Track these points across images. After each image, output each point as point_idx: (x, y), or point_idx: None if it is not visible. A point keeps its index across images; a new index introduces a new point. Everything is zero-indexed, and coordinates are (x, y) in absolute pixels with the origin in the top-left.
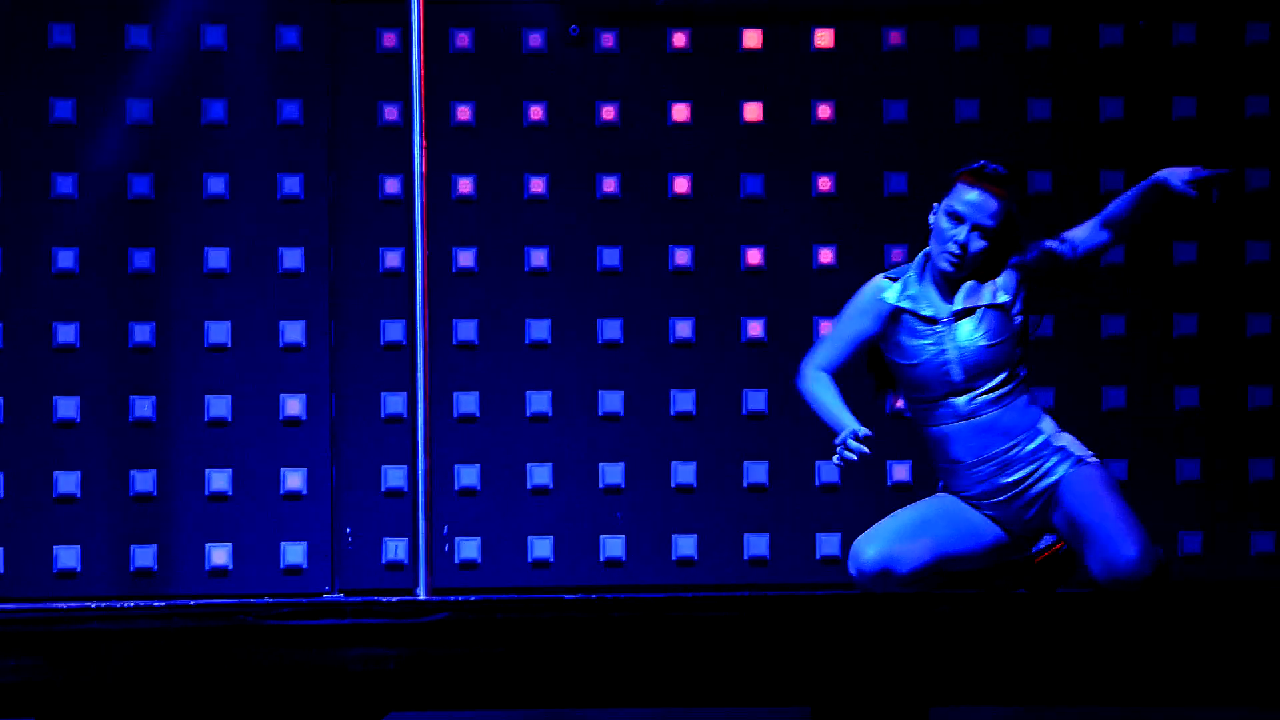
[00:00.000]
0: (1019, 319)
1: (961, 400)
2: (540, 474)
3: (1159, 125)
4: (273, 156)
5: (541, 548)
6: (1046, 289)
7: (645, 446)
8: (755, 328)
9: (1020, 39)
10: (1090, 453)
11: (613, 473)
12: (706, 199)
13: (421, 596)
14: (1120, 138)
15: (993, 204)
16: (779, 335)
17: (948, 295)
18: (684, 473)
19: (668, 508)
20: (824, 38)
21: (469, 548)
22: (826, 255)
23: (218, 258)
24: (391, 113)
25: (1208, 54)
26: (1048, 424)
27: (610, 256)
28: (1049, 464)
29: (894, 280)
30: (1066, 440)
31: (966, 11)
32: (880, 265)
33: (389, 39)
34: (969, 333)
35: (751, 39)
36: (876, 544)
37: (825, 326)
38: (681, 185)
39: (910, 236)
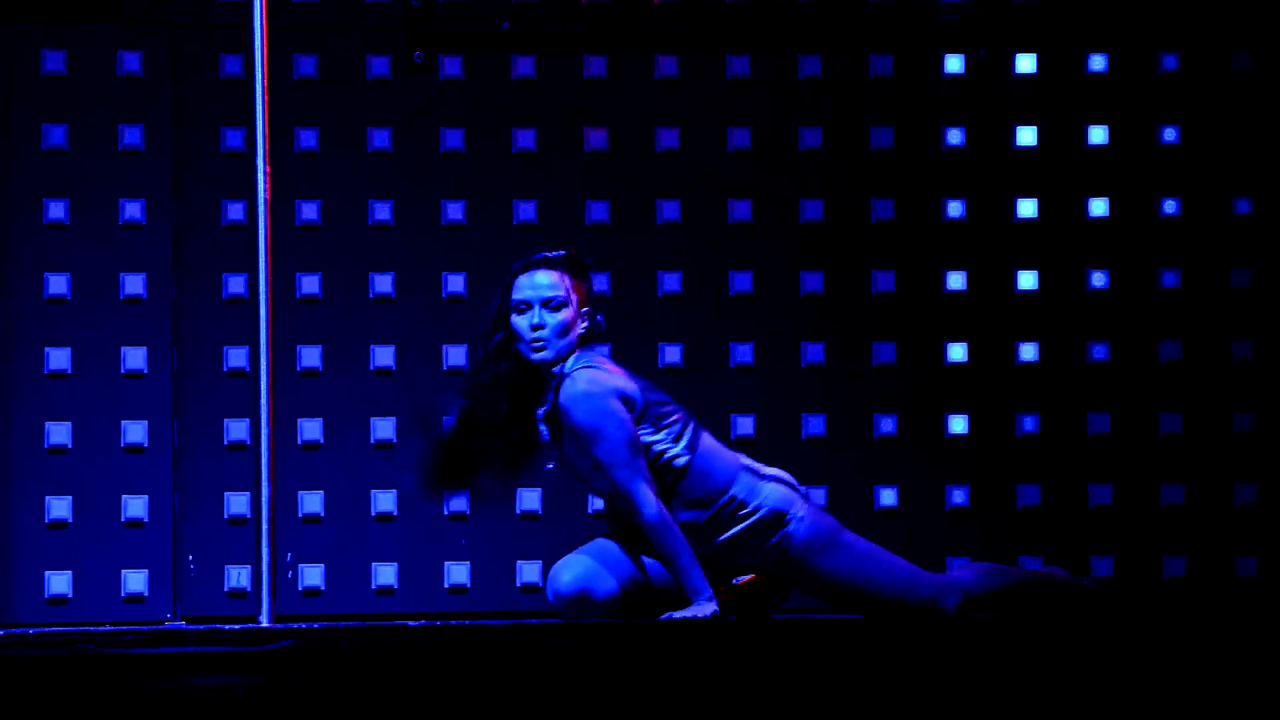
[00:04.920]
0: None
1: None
2: (385, 501)
3: (999, 154)
4: (114, 182)
5: (385, 575)
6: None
7: None
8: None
9: (863, 68)
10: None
11: (457, 500)
12: (551, 224)
13: (265, 624)
14: (961, 166)
15: (546, 276)
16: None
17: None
18: (529, 499)
19: (512, 534)
20: (668, 65)
21: (312, 575)
22: (672, 282)
23: (58, 283)
24: (235, 138)
25: (1049, 83)
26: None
27: (455, 283)
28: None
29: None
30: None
31: (809, 41)
32: (724, 289)
33: (232, 64)
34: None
35: (596, 66)
36: (572, 569)
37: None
38: (527, 211)
39: (752, 264)
